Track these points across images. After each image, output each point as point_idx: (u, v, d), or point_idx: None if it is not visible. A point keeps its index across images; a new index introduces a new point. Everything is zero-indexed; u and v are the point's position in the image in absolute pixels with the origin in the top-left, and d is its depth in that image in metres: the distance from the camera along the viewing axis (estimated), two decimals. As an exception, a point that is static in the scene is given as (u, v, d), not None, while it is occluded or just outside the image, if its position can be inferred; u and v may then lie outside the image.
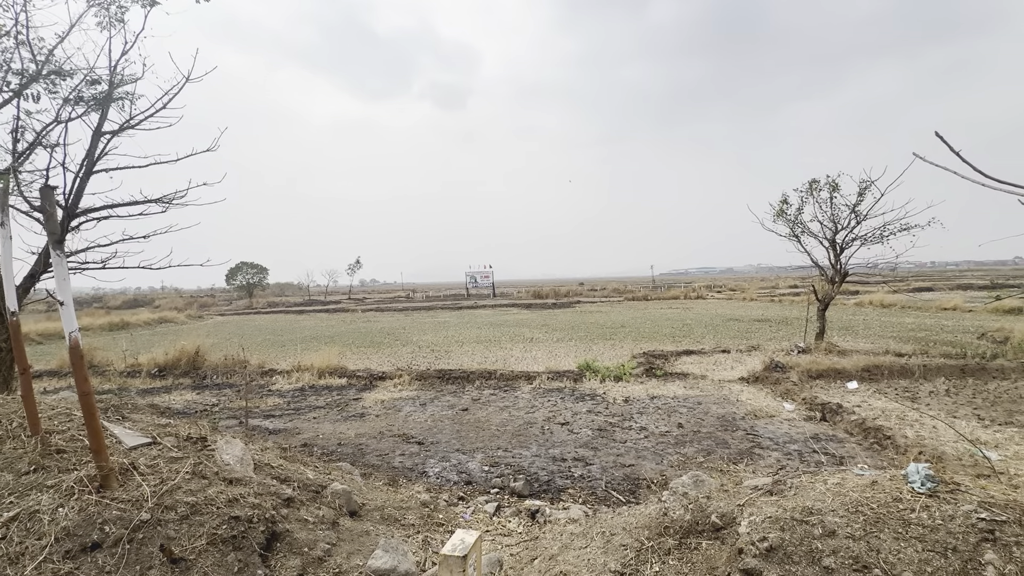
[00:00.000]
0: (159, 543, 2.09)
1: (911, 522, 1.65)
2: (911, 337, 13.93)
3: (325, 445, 6.29)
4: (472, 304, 38.29)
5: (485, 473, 5.32)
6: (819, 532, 1.69)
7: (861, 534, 1.64)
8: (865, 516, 1.70)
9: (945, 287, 39.27)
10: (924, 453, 5.40)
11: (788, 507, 1.86)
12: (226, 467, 2.69)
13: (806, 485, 2.08)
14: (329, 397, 9.06)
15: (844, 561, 1.59)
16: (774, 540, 1.71)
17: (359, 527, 2.96)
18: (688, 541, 2.01)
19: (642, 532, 2.18)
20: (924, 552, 1.53)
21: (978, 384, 8.67)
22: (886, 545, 1.59)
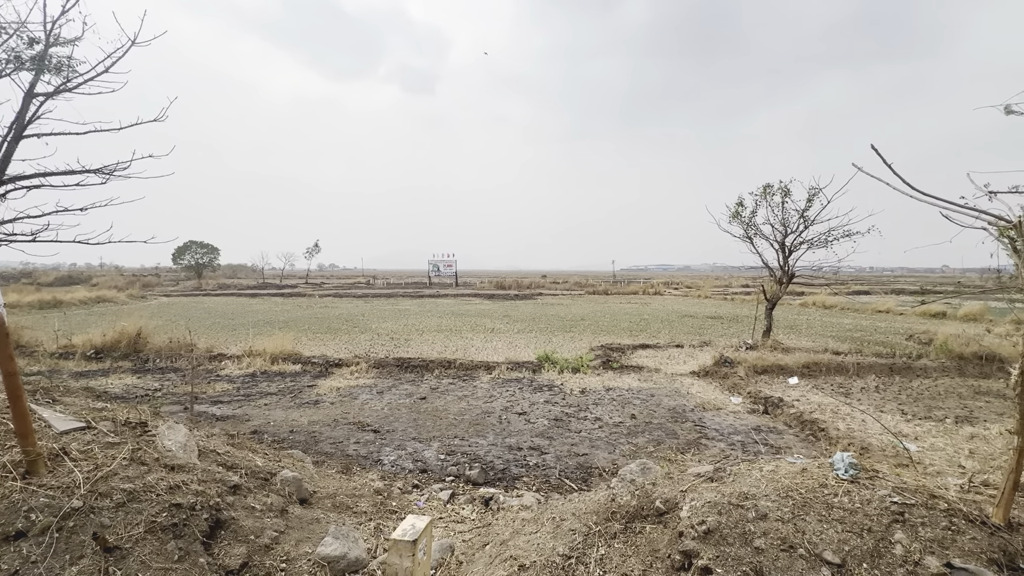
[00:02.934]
0: (92, 531, 1.99)
1: (833, 505, 1.80)
2: (848, 337, 14.85)
3: (276, 432, 6.13)
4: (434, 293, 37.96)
5: (441, 461, 5.34)
6: (752, 515, 1.81)
7: (789, 517, 1.77)
8: (794, 500, 1.83)
9: (881, 291, 41.99)
10: (853, 444, 5.80)
11: (726, 492, 1.98)
12: (168, 453, 2.58)
13: (744, 472, 2.22)
14: (282, 384, 8.81)
15: (773, 542, 1.71)
16: (711, 523, 1.82)
17: (309, 514, 2.91)
18: (633, 525, 2.10)
19: (590, 517, 2.26)
20: (843, 532, 1.68)
21: (904, 381, 9.36)
22: (811, 527, 1.73)
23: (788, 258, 13.31)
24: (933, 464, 5.08)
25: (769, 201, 13.39)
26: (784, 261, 13.38)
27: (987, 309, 21.05)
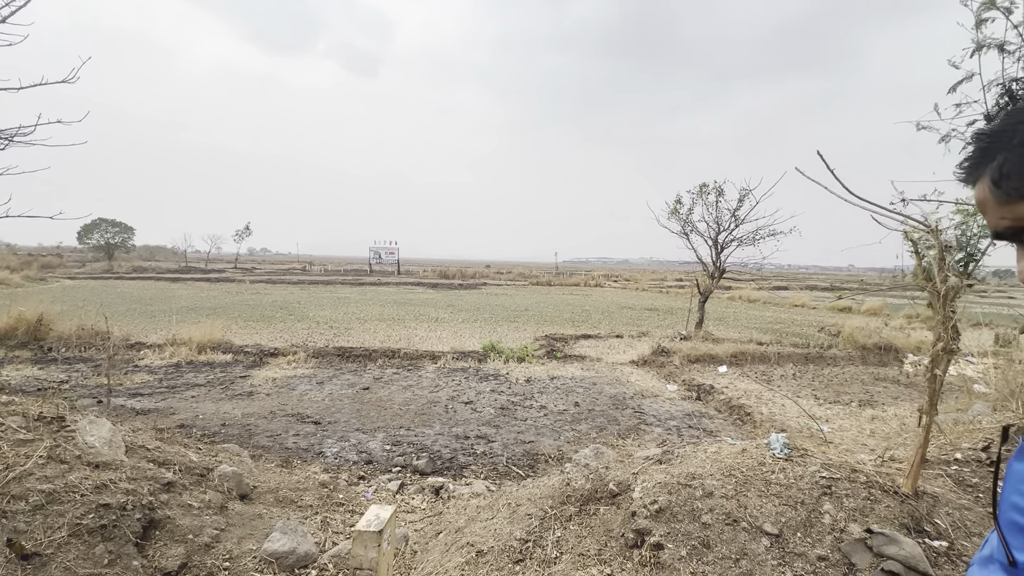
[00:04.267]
0: (5, 538, 1.79)
1: (771, 482, 1.97)
2: (769, 329, 16.06)
3: (206, 426, 5.76)
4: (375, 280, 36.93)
5: (387, 452, 5.25)
6: (700, 493, 1.95)
7: (733, 494, 1.92)
8: (736, 479, 1.99)
9: (797, 287, 45.66)
10: (775, 426, 6.32)
11: (675, 473, 2.11)
12: (91, 450, 2.36)
13: (689, 454, 2.37)
14: (211, 374, 8.27)
15: (719, 517, 1.85)
16: (662, 502, 1.94)
17: (251, 510, 2.78)
18: (588, 507, 2.19)
19: (546, 502, 2.33)
20: (780, 506, 1.85)
21: (816, 369, 10.29)
22: (752, 502, 1.88)
23: (720, 254, 14.14)
24: (843, 443, 5.63)
25: (705, 200, 14.14)
26: (716, 257, 14.20)
27: (885, 305, 23.50)
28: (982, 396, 5.98)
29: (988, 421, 2.91)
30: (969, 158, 0.66)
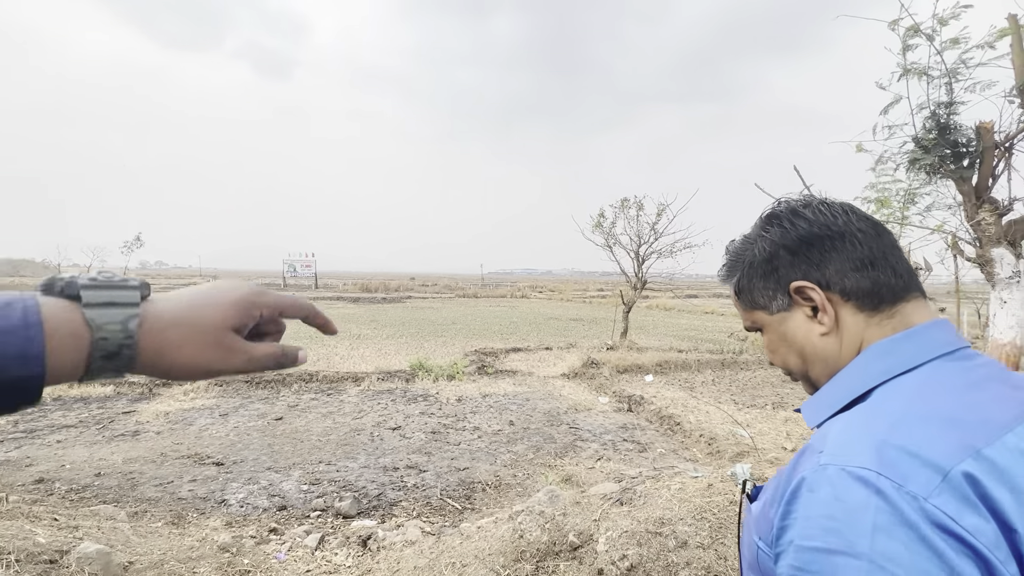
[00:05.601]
0: None
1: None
2: (686, 336, 16.94)
3: (75, 479, 4.78)
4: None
5: (304, 493, 4.65)
6: (673, 544, 1.76)
7: (709, 542, 1.76)
8: (710, 523, 1.83)
9: (706, 295, 49.16)
10: (703, 436, 6.47)
11: (641, 519, 1.91)
12: None
13: (652, 492, 2.20)
14: (84, 412, 7.02)
15: (698, 572, 1.67)
16: (633, 557, 1.73)
17: (123, 599, 2.19)
18: (546, 565, 1.92)
19: (497, 559, 2.03)
20: None
21: (732, 375, 10.89)
22: (732, 551, 1.73)
23: (642, 266, 14.70)
24: (765, 447, 5.85)
25: (626, 213, 14.68)
26: (639, 269, 14.74)
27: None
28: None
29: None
30: (722, 268, 0.83)
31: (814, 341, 0.70)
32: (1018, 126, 2.42)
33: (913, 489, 0.48)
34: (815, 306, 0.70)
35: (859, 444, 0.54)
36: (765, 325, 0.77)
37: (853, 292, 0.68)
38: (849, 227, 0.70)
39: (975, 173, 2.49)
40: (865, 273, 0.67)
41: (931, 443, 0.51)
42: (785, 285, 0.71)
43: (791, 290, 0.71)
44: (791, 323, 0.73)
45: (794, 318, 0.72)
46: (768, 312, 0.75)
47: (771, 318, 0.75)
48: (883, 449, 0.51)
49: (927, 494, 0.48)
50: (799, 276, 0.70)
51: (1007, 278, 2.44)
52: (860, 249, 0.68)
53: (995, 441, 0.51)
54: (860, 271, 0.68)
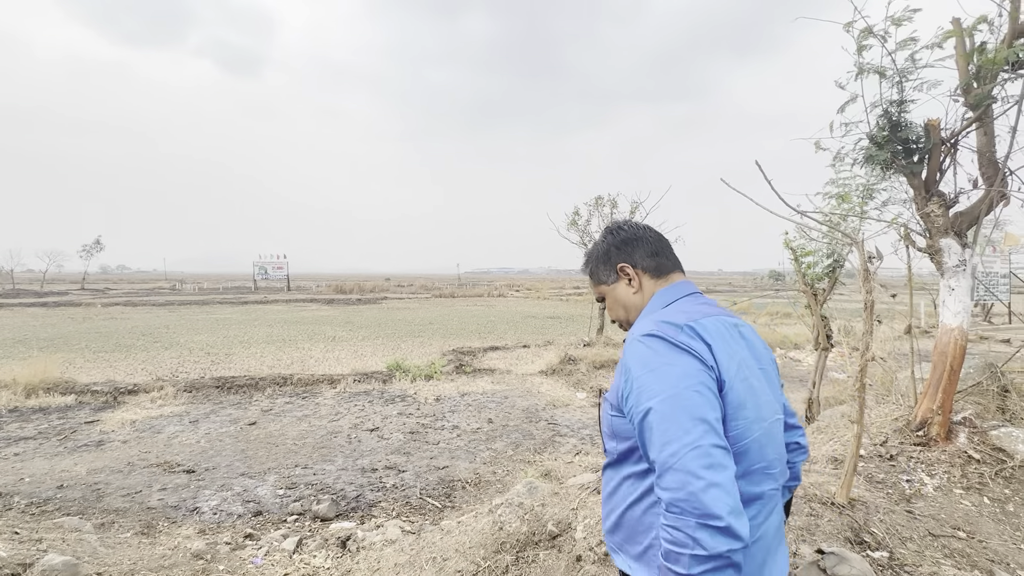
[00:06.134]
0: None
1: None
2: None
3: (35, 492, 4.59)
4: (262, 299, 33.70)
5: (280, 498, 4.56)
6: (648, 528, 1.80)
7: (682, 525, 1.81)
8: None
9: (679, 291, 50.08)
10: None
11: (617, 505, 1.95)
12: None
13: (628, 480, 2.24)
14: (44, 423, 6.73)
15: None
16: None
17: (92, 611, 2.13)
18: (525, 554, 1.95)
19: (477, 552, 2.04)
20: None
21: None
22: None
23: (617, 263, 14.91)
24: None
25: (600, 211, 14.84)
26: (613, 265, 14.95)
27: (751, 305, 26.54)
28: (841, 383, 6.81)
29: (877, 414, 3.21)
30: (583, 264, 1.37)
31: (631, 296, 1.24)
32: (962, 123, 2.57)
33: (670, 333, 1.00)
34: (630, 277, 1.23)
35: (646, 325, 1.07)
36: (606, 293, 1.29)
37: (648, 268, 1.23)
38: (645, 234, 1.27)
39: (924, 168, 2.64)
40: (653, 258, 1.23)
41: (675, 317, 1.05)
42: (614, 266, 1.25)
43: (617, 269, 1.25)
44: (618, 288, 1.26)
45: (620, 285, 1.25)
46: (607, 284, 1.28)
47: (608, 287, 1.28)
48: (656, 323, 1.04)
49: (674, 334, 1.00)
50: (622, 260, 1.24)
51: (954, 266, 2.59)
52: (650, 245, 1.24)
53: (701, 319, 1.05)
54: (651, 257, 1.23)
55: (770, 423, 1.01)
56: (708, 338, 0.99)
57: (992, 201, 2.53)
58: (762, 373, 1.06)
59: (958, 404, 2.93)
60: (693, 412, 0.88)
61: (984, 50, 2.45)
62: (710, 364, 0.96)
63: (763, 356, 1.11)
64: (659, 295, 1.18)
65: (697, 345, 0.97)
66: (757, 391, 1.01)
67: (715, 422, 0.89)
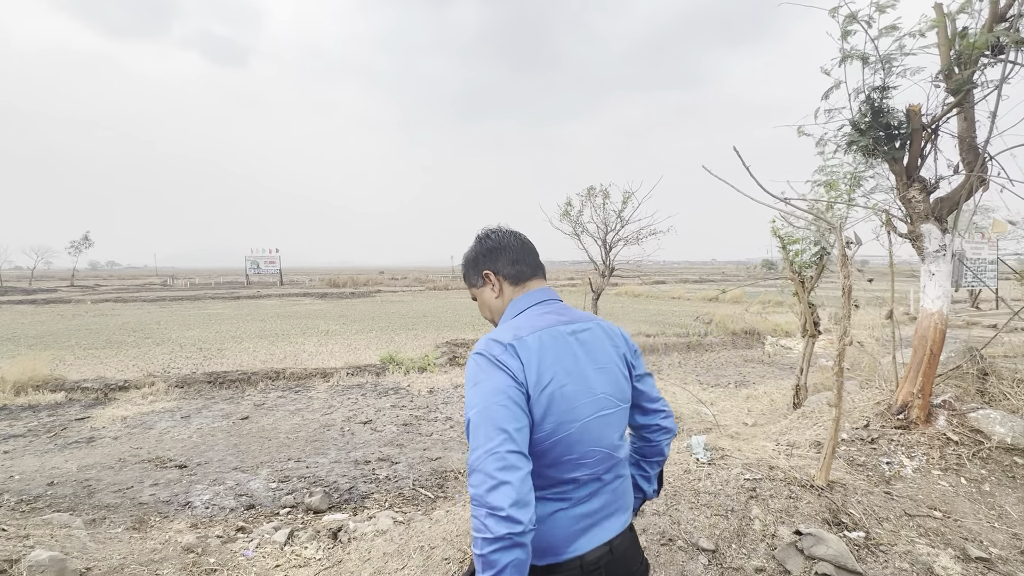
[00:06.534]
0: None
1: (700, 491, 1.94)
2: (654, 320, 17.33)
3: (25, 490, 4.57)
4: (254, 293, 33.48)
5: (272, 491, 4.57)
6: (631, 513, 1.84)
7: (664, 509, 1.84)
8: (665, 491, 1.92)
9: (673, 281, 50.28)
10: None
11: (602, 491, 1.98)
12: None
13: (613, 466, 2.26)
14: (34, 420, 6.69)
15: (654, 537, 1.75)
16: (594, 528, 1.79)
17: (81, 605, 2.13)
18: (511, 541, 1.97)
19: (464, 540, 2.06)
20: (712, 516, 1.80)
21: (697, 356, 11.24)
22: (685, 516, 1.81)
23: (609, 253, 14.92)
24: (727, 423, 6.09)
25: (593, 202, 14.82)
26: (606, 256, 14.96)
27: (744, 293, 26.70)
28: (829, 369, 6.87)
29: (860, 398, 3.26)
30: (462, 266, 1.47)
31: (493, 300, 1.36)
32: (943, 108, 2.58)
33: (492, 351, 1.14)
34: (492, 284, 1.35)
35: (483, 340, 1.18)
36: (476, 295, 1.42)
37: (508, 275, 1.34)
38: (509, 242, 1.37)
39: (906, 154, 2.65)
40: (513, 266, 1.34)
41: (504, 335, 1.17)
42: (480, 272, 1.37)
43: (483, 275, 1.36)
44: (484, 292, 1.38)
45: (486, 290, 1.38)
46: (476, 287, 1.41)
47: (477, 291, 1.41)
48: (486, 340, 1.17)
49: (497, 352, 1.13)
50: (486, 267, 1.36)
51: (934, 252, 2.62)
52: (513, 253, 1.35)
53: (526, 336, 1.17)
54: (511, 265, 1.34)
55: (588, 420, 1.18)
56: (524, 355, 1.14)
57: (972, 186, 2.56)
58: (599, 373, 1.23)
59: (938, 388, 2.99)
60: (497, 423, 1.05)
61: (966, 35, 2.46)
62: (520, 380, 1.11)
63: (603, 357, 1.25)
64: (513, 303, 1.32)
65: (512, 363, 1.13)
66: (572, 396, 1.16)
67: (514, 432, 1.05)
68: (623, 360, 1.30)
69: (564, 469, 1.16)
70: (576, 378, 1.18)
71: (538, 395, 1.12)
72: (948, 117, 2.59)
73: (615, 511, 1.25)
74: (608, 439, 1.22)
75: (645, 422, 1.38)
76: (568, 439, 1.15)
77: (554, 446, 1.14)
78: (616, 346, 1.30)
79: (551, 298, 1.33)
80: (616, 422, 1.25)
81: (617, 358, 1.28)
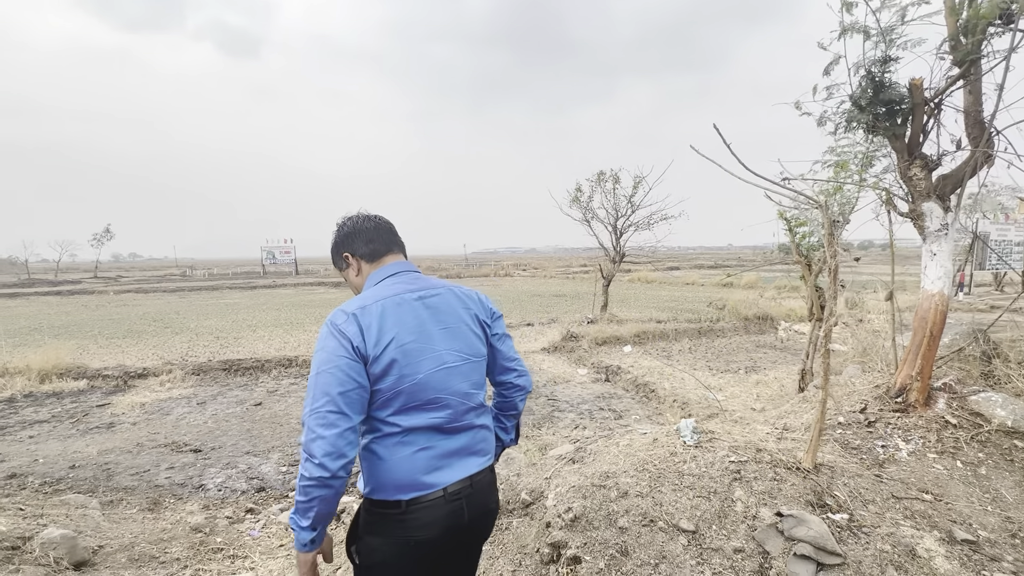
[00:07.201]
0: None
1: (684, 473, 1.94)
2: (666, 307, 17.19)
3: (49, 472, 4.76)
4: (270, 283, 34.01)
5: (283, 475, 4.70)
6: (615, 494, 1.85)
7: (648, 491, 1.84)
8: (650, 473, 1.92)
9: (687, 266, 49.72)
10: (676, 401, 6.66)
11: (588, 474, 1.99)
12: None
13: (602, 449, 2.28)
14: (58, 407, 6.93)
15: (635, 519, 1.76)
16: (577, 509, 1.81)
17: (91, 580, 2.23)
18: (500, 522, 2.00)
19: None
20: (694, 498, 1.80)
21: (708, 342, 11.13)
22: (667, 498, 1.82)
23: (620, 239, 14.78)
24: (734, 408, 6.05)
25: (603, 187, 14.65)
26: (617, 242, 14.83)
27: (759, 278, 26.30)
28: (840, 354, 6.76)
29: (860, 382, 3.21)
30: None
31: (354, 278, 1.56)
32: (947, 81, 2.48)
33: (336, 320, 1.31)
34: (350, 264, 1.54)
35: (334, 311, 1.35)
36: (344, 276, 1.60)
37: (364, 255, 1.53)
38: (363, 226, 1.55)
39: (907, 130, 2.56)
40: (368, 245, 1.53)
41: (351, 305, 1.35)
42: (341, 255, 1.56)
43: (343, 257, 1.55)
44: (349, 273, 1.57)
45: (349, 271, 1.57)
46: (342, 270, 1.59)
47: (343, 272, 1.59)
48: (335, 311, 1.34)
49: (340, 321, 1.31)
50: (345, 250, 1.55)
51: (936, 231, 2.54)
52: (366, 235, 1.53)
53: (371, 303, 1.35)
54: (366, 245, 1.53)
55: (430, 372, 1.36)
56: (365, 321, 1.32)
57: (977, 163, 2.46)
58: (444, 332, 1.42)
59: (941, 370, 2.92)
60: (323, 388, 1.24)
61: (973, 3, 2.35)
62: (357, 343, 1.28)
63: (450, 318, 1.44)
64: (371, 277, 1.51)
65: (351, 329, 1.30)
66: (413, 352, 1.34)
67: (337, 395, 1.23)
68: (475, 320, 1.50)
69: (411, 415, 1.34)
70: (418, 336, 1.36)
71: (379, 353, 1.29)
72: (952, 90, 2.49)
73: (475, 452, 1.45)
74: (456, 387, 1.40)
75: (502, 379, 1.60)
76: (415, 387, 1.33)
77: (402, 393, 1.32)
78: (467, 308, 1.50)
79: (404, 270, 1.51)
80: (464, 373, 1.43)
81: (469, 319, 1.48)
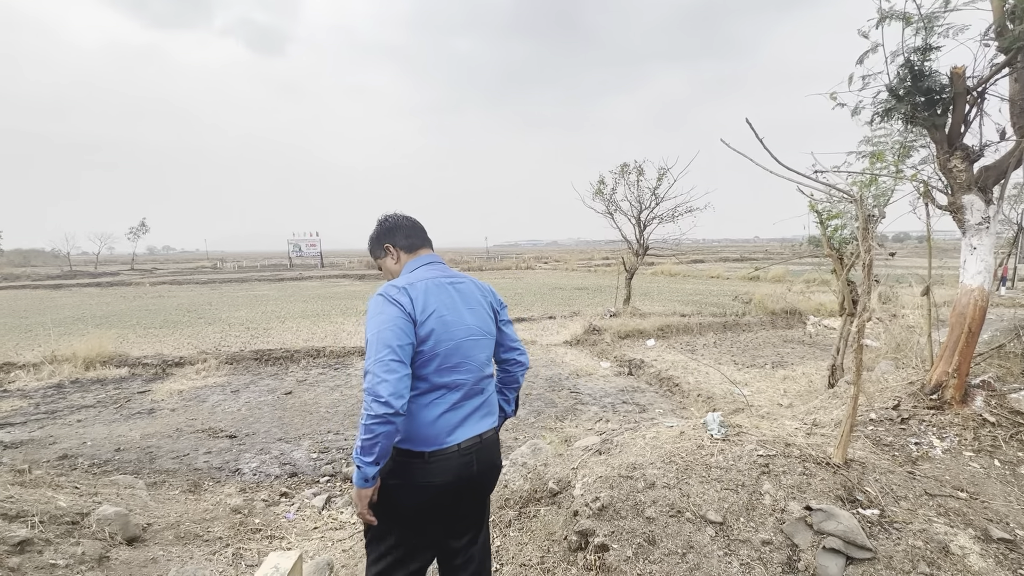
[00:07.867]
0: None
1: (711, 465, 1.95)
2: (690, 300, 16.96)
3: (96, 454, 5.03)
4: (297, 275, 34.78)
5: (313, 461, 4.86)
6: (642, 485, 1.87)
7: (675, 482, 1.86)
8: (677, 465, 1.93)
9: (712, 259, 48.80)
10: (700, 395, 6.61)
11: (615, 465, 2.02)
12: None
13: (628, 442, 2.30)
14: (102, 393, 7.29)
15: (663, 509, 1.78)
16: (605, 499, 1.84)
17: (142, 555, 2.37)
18: (528, 510, 2.05)
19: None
20: (722, 491, 1.82)
21: (734, 336, 10.96)
22: (694, 489, 1.84)
23: (643, 232, 14.62)
24: (760, 404, 5.97)
25: (626, 179, 14.50)
26: (640, 235, 14.67)
27: (788, 272, 25.65)
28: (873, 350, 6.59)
29: (894, 379, 3.14)
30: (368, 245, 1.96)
31: (393, 266, 1.85)
32: (991, 69, 2.39)
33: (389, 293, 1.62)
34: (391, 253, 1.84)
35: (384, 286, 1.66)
36: (380, 263, 1.89)
37: (403, 246, 1.84)
38: (403, 223, 1.87)
39: (948, 120, 2.47)
40: (407, 239, 1.85)
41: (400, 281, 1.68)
42: (382, 245, 1.85)
43: (385, 247, 1.84)
44: (387, 261, 1.86)
45: (388, 259, 1.86)
46: (380, 258, 1.88)
47: (381, 260, 1.88)
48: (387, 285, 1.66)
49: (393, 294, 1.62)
50: (387, 241, 1.84)
51: (976, 224, 2.45)
52: (405, 230, 1.86)
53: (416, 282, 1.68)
54: (405, 239, 1.85)
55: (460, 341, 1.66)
56: (413, 294, 1.62)
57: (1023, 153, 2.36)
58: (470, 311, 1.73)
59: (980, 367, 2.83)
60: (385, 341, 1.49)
61: (1022, -12, 2.25)
62: (409, 311, 1.58)
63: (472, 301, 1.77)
64: (408, 265, 1.80)
65: (403, 299, 1.60)
66: (450, 323, 1.65)
67: (397, 347, 1.49)
68: (489, 306, 1.85)
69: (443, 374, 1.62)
70: (452, 311, 1.67)
71: (424, 320, 1.59)
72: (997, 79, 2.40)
73: (486, 414, 1.75)
74: (477, 357, 1.71)
75: (506, 357, 1.92)
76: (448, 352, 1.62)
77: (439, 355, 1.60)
78: (484, 296, 1.86)
79: (435, 261, 1.84)
80: (483, 347, 1.75)
81: (484, 304, 1.83)
